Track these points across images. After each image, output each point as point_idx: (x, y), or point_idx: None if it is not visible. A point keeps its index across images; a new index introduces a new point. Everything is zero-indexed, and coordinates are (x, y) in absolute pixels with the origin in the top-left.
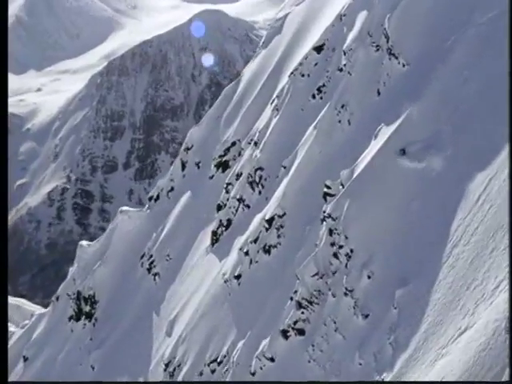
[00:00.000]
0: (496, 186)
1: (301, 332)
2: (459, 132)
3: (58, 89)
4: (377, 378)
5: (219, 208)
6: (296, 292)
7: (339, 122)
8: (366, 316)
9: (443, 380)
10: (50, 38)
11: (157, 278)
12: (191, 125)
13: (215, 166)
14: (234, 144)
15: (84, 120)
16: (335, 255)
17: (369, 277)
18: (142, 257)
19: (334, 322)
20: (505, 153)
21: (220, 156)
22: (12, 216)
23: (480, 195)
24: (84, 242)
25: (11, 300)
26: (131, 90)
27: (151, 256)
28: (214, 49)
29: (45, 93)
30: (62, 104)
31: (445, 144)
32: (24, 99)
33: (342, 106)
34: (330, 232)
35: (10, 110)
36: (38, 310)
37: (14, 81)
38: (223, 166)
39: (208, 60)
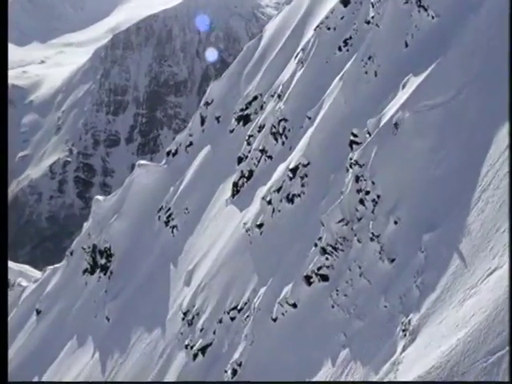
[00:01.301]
0: None
1: (324, 278)
2: (489, 83)
3: (61, 61)
4: (403, 320)
5: (240, 160)
6: (320, 238)
7: (366, 73)
8: (392, 260)
9: (473, 316)
10: (55, 9)
11: (174, 230)
12: (195, 101)
13: (236, 119)
14: (255, 98)
15: (87, 93)
16: (361, 201)
17: (395, 222)
18: (160, 210)
19: (359, 267)
20: None
21: (241, 110)
22: (13, 188)
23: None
24: (99, 197)
25: (15, 266)
26: (135, 64)
27: (169, 209)
28: (219, 26)
29: (48, 65)
30: (65, 77)
31: (474, 94)
32: (27, 71)
33: (369, 58)
34: (357, 179)
35: (13, 81)
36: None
37: (17, 52)
38: (244, 119)
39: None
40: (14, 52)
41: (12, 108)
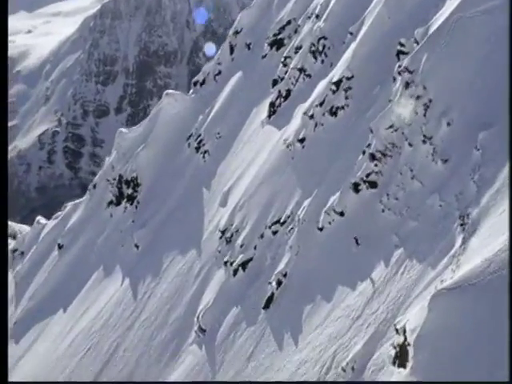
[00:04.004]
0: None
1: (373, 185)
2: None
3: (49, 31)
4: (460, 215)
5: (275, 83)
6: (369, 145)
7: None
8: (445, 161)
9: None
10: None
11: (206, 155)
12: (184, 71)
13: (269, 44)
14: (289, 22)
15: (76, 63)
16: (411, 107)
17: (448, 124)
18: (189, 137)
19: (411, 170)
20: None
21: (274, 35)
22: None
23: None
24: (123, 129)
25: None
26: (124, 34)
27: (199, 135)
28: None
29: (36, 35)
30: (53, 47)
31: None
32: (14, 41)
33: None
34: (407, 85)
35: None
36: None
37: None
38: (278, 44)
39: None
40: None
41: None
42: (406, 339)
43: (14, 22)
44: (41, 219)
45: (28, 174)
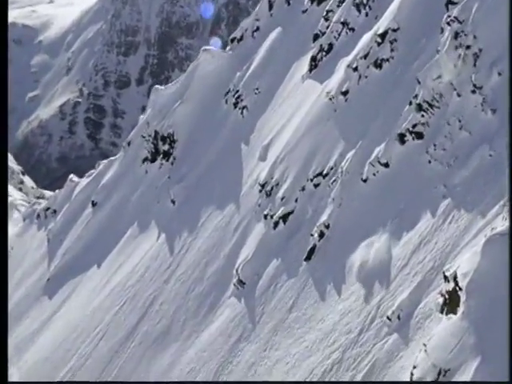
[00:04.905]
0: None
1: (419, 136)
2: None
3: (71, 1)
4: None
5: (316, 37)
6: (416, 96)
7: None
8: (495, 111)
9: None
10: None
11: (244, 111)
12: (206, 43)
13: None
14: None
15: (98, 34)
16: (460, 57)
17: (499, 74)
18: (227, 93)
19: (459, 121)
20: None
21: None
22: (23, 129)
23: None
24: (159, 86)
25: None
26: (147, 5)
27: (237, 91)
28: None
29: (57, 5)
30: (75, 17)
31: None
32: (36, 10)
33: None
34: (456, 35)
35: (22, 21)
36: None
37: None
38: None
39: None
40: None
41: (21, 48)
42: (456, 285)
43: None
44: (73, 177)
45: (49, 144)
